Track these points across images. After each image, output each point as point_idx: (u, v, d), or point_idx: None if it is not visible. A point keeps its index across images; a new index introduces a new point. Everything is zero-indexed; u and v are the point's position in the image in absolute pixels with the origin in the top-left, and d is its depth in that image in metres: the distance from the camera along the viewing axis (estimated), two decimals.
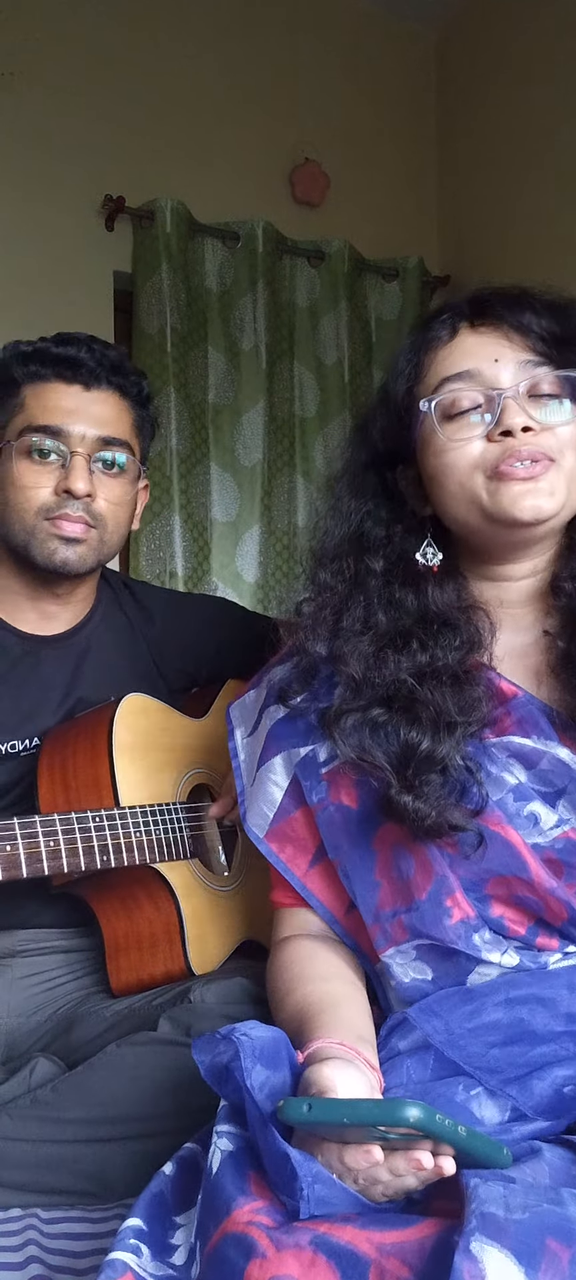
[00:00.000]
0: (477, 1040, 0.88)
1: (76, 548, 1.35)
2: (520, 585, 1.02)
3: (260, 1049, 0.78)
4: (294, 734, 1.06)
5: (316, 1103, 0.70)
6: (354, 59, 3.10)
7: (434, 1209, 0.71)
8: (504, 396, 0.94)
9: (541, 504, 0.94)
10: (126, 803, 1.29)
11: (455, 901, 0.92)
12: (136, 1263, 0.72)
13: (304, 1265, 0.64)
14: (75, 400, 1.35)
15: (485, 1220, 0.62)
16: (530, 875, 0.91)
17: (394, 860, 0.96)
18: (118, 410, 1.39)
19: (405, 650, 0.97)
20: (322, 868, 1.04)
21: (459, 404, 0.96)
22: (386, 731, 0.94)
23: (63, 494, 1.33)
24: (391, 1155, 0.70)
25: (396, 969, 0.97)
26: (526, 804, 0.93)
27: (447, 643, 0.97)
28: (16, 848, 1.17)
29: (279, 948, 1.06)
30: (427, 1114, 0.67)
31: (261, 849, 1.07)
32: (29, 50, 2.66)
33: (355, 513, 1.06)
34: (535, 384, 0.95)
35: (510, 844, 0.91)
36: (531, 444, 0.94)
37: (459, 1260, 0.60)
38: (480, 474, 0.96)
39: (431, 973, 0.95)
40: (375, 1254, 0.64)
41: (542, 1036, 0.87)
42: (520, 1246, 0.60)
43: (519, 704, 0.96)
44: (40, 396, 1.35)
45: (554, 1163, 0.76)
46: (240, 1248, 0.66)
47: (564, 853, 0.92)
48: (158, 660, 1.53)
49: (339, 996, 0.95)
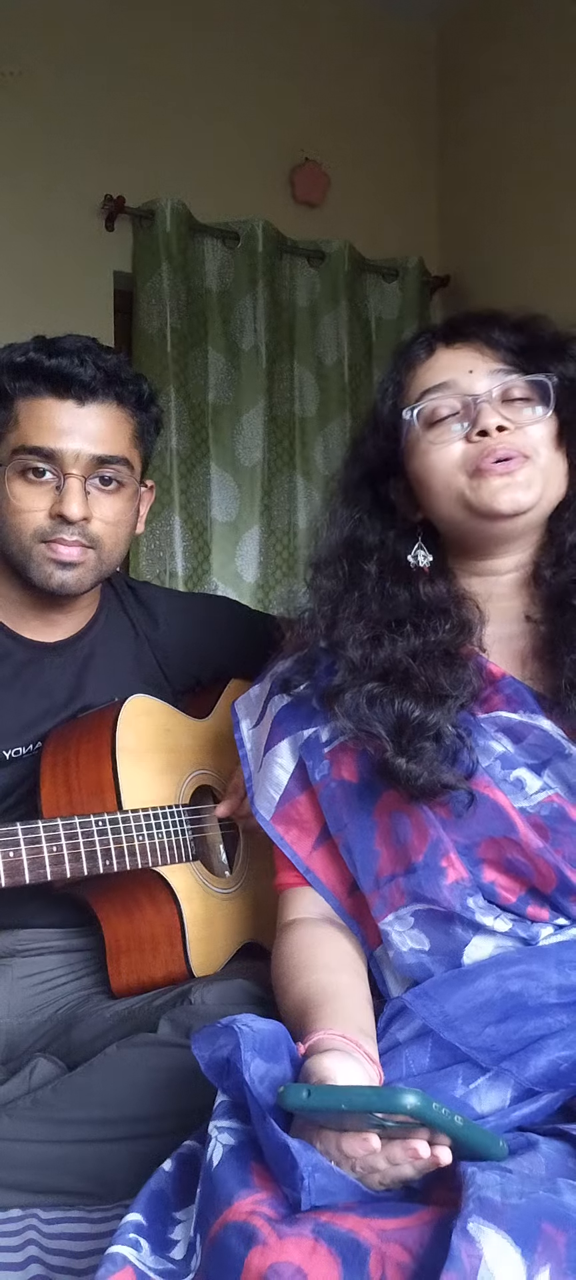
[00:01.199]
0: (473, 1021, 0.90)
1: (74, 571, 1.32)
2: (505, 579, 1.09)
3: (260, 1041, 0.79)
4: (297, 718, 1.12)
5: (315, 1090, 0.72)
6: (354, 59, 3.10)
7: (433, 1198, 0.73)
8: (479, 401, 1.03)
9: (518, 496, 1.02)
10: (129, 805, 1.29)
11: (450, 862, 0.97)
12: (136, 1257, 0.73)
13: (305, 1252, 0.65)
14: (69, 418, 1.29)
15: (482, 1204, 0.63)
16: (518, 835, 0.95)
17: (392, 828, 1.01)
18: (115, 423, 1.33)
19: (400, 633, 1.05)
20: (326, 850, 1.09)
21: (438, 412, 1.05)
22: (382, 703, 1.01)
23: (57, 517, 1.29)
24: (388, 1144, 0.71)
25: (395, 938, 1.00)
26: (512, 770, 0.99)
27: (439, 625, 1.04)
28: (20, 853, 1.16)
29: (284, 933, 1.08)
30: (424, 1102, 0.68)
31: (268, 831, 1.12)
32: (29, 50, 2.66)
33: (349, 521, 1.14)
34: (507, 389, 1.04)
35: (498, 805, 0.96)
36: (506, 442, 1.02)
37: (456, 1241, 0.61)
38: (462, 473, 1.03)
39: (428, 942, 0.98)
40: (376, 1240, 0.65)
41: (535, 1010, 0.89)
42: (516, 1229, 0.62)
43: (506, 683, 1.03)
44: (33, 413, 1.29)
45: (550, 1155, 0.78)
46: (241, 1236, 0.67)
47: (549, 819, 0.96)
48: (162, 662, 1.52)
49: (341, 988, 0.97)
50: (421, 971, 0.99)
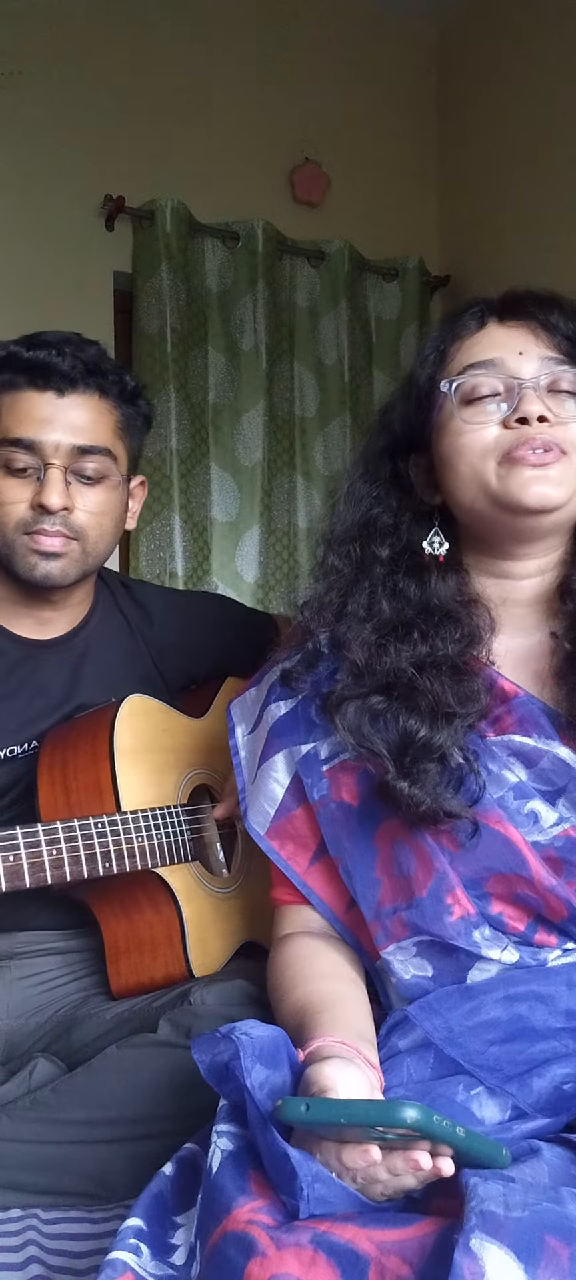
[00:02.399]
0: (477, 1038, 0.89)
1: (57, 561, 1.32)
2: (524, 585, 1.03)
3: (260, 1048, 0.78)
4: (295, 731, 1.07)
5: (314, 1103, 0.70)
6: (354, 59, 3.10)
7: (434, 1208, 0.71)
8: (524, 386, 0.97)
9: (548, 491, 0.95)
10: (127, 806, 1.29)
11: (455, 899, 0.93)
12: (136, 1262, 0.73)
13: (304, 1264, 0.64)
14: (49, 408, 1.29)
15: (485, 1218, 0.62)
16: (530, 873, 0.91)
17: (395, 857, 0.97)
18: (96, 413, 1.32)
19: (406, 640, 0.99)
20: (323, 865, 1.05)
21: (478, 389, 0.99)
22: (385, 719, 0.96)
23: (37, 508, 1.29)
24: (389, 1155, 0.70)
25: (397, 965, 0.97)
26: (526, 802, 0.94)
27: (448, 634, 0.98)
28: (20, 858, 1.16)
29: (279, 945, 1.06)
30: (425, 1115, 0.67)
31: (263, 846, 1.08)
32: (29, 50, 2.66)
33: (366, 498, 1.08)
34: (555, 380, 0.98)
35: (510, 841, 0.92)
36: (546, 433, 0.95)
37: (459, 1257, 0.60)
38: (492, 459, 0.97)
39: (431, 969, 0.96)
40: (375, 1252, 0.64)
41: (541, 1033, 0.88)
42: (519, 1243, 0.61)
43: (520, 703, 0.97)
44: (13, 406, 1.30)
45: (553, 1162, 0.76)
46: (240, 1246, 0.66)
47: (564, 850, 0.93)
48: (157, 660, 1.52)
49: (339, 995, 0.95)
50: (423, 993, 0.96)
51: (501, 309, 1.02)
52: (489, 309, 1.03)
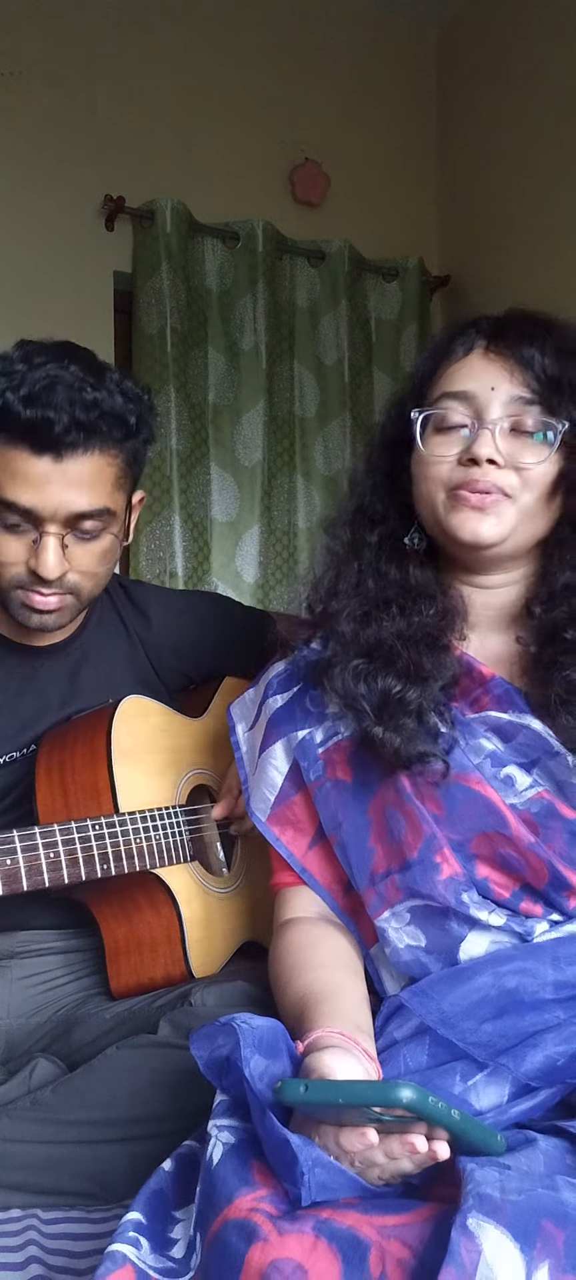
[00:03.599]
0: (470, 1018, 0.91)
1: (51, 616, 1.30)
2: (490, 593, 1.09)
3: (259, 1038, 0.80)
4: (291, 720, 1.13)
5: (313, 1084, 0.72)
6: (354, 59, 3.10)
7: (433, 1194, 0.73)
8: (482, 427, 1.02)
9: (482, 530, 1.01)
10: (126, 807, 1.29)
11: (444, 858, 0.97)
12: (136, 1255, 0.74)
13: (305, 1248, 0.65)
14: (45, 472, 1.20)
15: (482, 1200, 0.64)
16: (510, 830, 0.96)
17: (387, 824, 1.02)
18: (96, 472, 1.23)
19: (387, 613, 1.07)
20: (321, 849, 1.10)
21: (448, 419, 1.05)
22: (367, 680, 1.04)
23: (33, 574, 1.24)
24: (386, 1138, 0.72)
25: (391, 934, 1.00)
26: (502, 768, 1.00)
27: (423, 609, 1.06)
28: (16, 861, 1.16)
29: (280, 932, 1.09)
30: (420, 1096, 0.68)
31: (263, 831, 1.12)
32: (30, 50, 2.66)
33: (363, 485, 1.16)
34: (519, 420, 1.02)
35: (489, 800, 0.98)
36: (490, 477, 1.01)
37: (456, 1236, 0.61)
38: (443, 492, 1.04)
39: (424, 939, 0.99)
40: (376, 1236, 0.66)
41: (531, 1005, 0.90)
42: (516, 1225, 0.62)
43: (496, 684, 1.04)
44: (9, 464, 1.20)
45: (549, 1152, 0.78)
46: (242, 1233, 0.67)
47: (539, 815, 0.98)
48: (155, 661, 1.52)
49: (338, 986, 0.98)
50: (418, 968, 0.99)
51: (489, 335, 1.06)
52: (480, 333, 1.07)
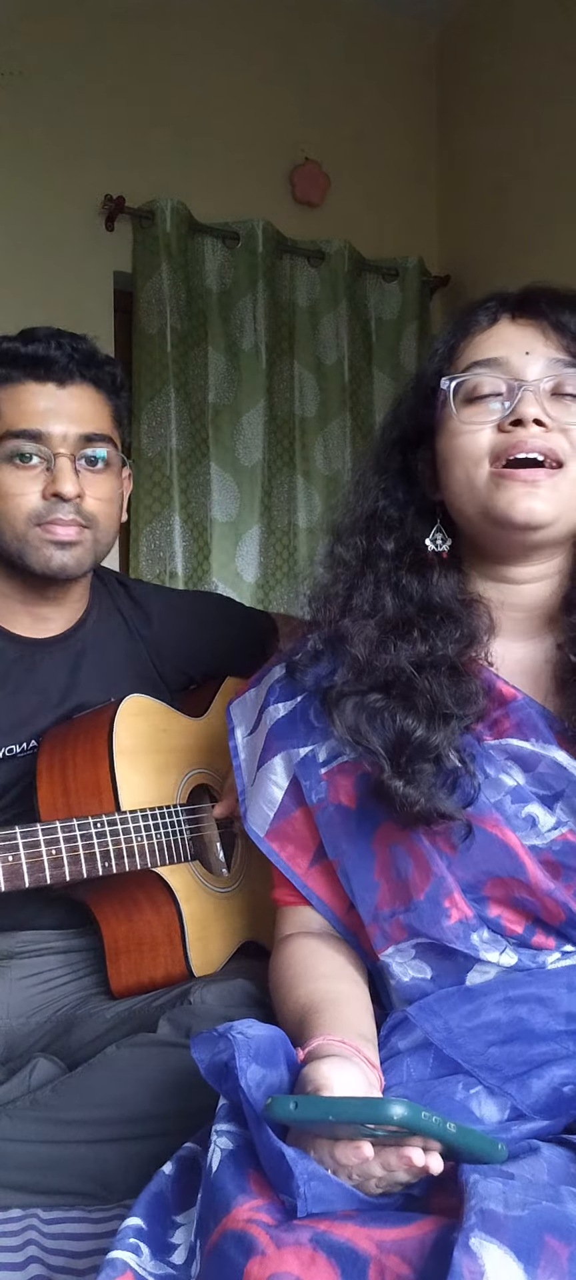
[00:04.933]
0: (477, 1039, 0.89)
1: (73, 550, 1.33)
2: (523, 590, 1.01)
3: (256, 1048, 0.78)
4: (293, 734, 1.06)
5: (302, 1101, 0.71)
6: (354, 58, 3.10)
7: (434, 1206, 0.72)
8: (524, 388, 0.94)
9: (535, 507, 0.93)
10: (127, 806, 1.29)
11: (453, 902, 0.93)
12: (136, 1261, 0.73)
13: (304, 1263, 0.64)
14: (51, 399, 1.31)
15: (484, 1217, 0.62)
16: (527, 877, 0.91)
17: (392, 861, 0.97)
18: (95, 404, 1.35)
19: (406, 638, 0.98)
20: (323, 867, 1.05)
21: (480, 388, 0.97)
22: (383, 718, 0.95)
23: (51, 498, 1.30)
24: (383, 1150, 0.70)
25: (396, 968, 0.97)
26: (524, 806, 0.94)
27: (447, 634, 0.97)
28: (19, 858, 1.16)
29: (281, 945, 1.06)
30: (412, 1112, 0.67)
31: (262, 848, 1.08)
32: (30, 50, 2.66)
33: (374, 489, 1.07)
34: (560, 382, 0.95)
35: (507, 846, 0.92)
36: (539, 440, 0.93)
37: (458, 1256, 0.60)
38: (486, 464, 0.95)
39: (430, 971, 0.96)
40: (375, 1251, 0.64)
41: (541, 1035, 0.88)
42: (519, 1243, 0.61)
43: (517, 706, 0.96)
44: (15, 400, 1.31)
45: (553, 1160, 0.76)
46: (240, 1245, 0.66)
47: (561, 854, 0.93)
48: (155, 660, 1.52)
49: (340, 995, 0.95)
50: (422, 995, 0.96)
51: (515, 305, 1.00)
52: (502, 305, 1.01)
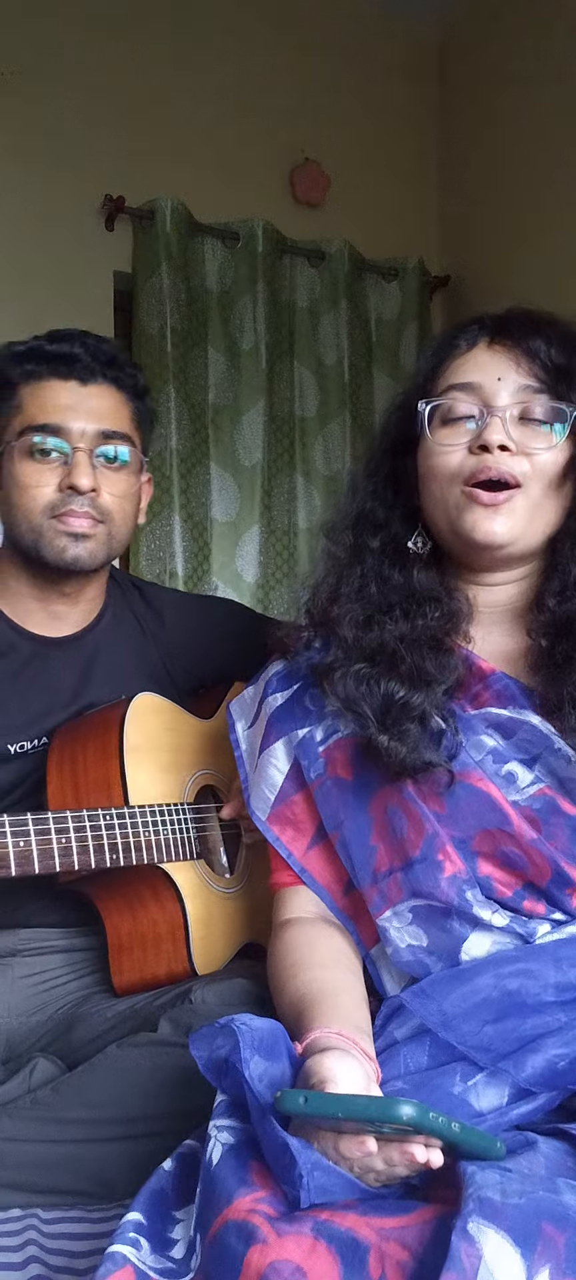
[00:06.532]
0: (471, 1020, 0.90)
1: (86, 543, 1.35)
2: (497, 590, 1.08)
3: (259, 1040, 0.80)
4: (291, 719, 1.12)
5: (313, 1096, 0.72)
6: (354, 59, 3.10)
7: (433, 1196, 0.73)
8: (492, 414, 1.02)
9: (495, 530, 1.01)
10: (136, 803, 1.29)
11: (446, 855, 0.97)
12: (136, 1256, 0.73)
13: (304, 1250, 0.65)
14: (73, 396, 1.35)
15: (482, 1204, 0.64)
16: (512, 827, 0.96)
17: (388, 822, 1.01)
18: (116, 403, 1.38)
19: (390, 617, 1.06)
20: (321, 849, 1.09)
21: (455, 410, 1.05)
22: (370, 684, 1.03)
23: (67, 490, 1.33)
24: (385, 1146, 0.72)
25: (393, 934, 1.00)
26: (504, 764, 0.99)
27: (428, 612, 1.05)
28: (29, 843, 1.17)
29: (279, 932, 1.08)
30: (421, 1112, 0.68)
31: (263, 830, 1.12)
32: (29, 50, 2.66)
33: (363, 491, 1.15)
34: (527, 408, 1.02)
35: (491, 797, 0.97)
36: (503, 464, 1.00)
37: (456, 1240, 0.61)
38: (457, 484, 1.03)
39: (426, 939, 0.98)
40: (375, 1238, 0.65)
41: (533, 1008, 0.89)
42: (516, 1229, 0.62)
43: (496, 679, 1.03)
44: (37, 395, 1.35)
45: (549, 1154, 0.78)
46: (241, 1234, 0.67)
47: (541, 811, 0.97)
48: (167, 662, 1.53)
49: (337, 985, 0.98)
50: (419, 968, 0.99)
51: (492, 330, 1.06)
52: (481, 329, 1.07)
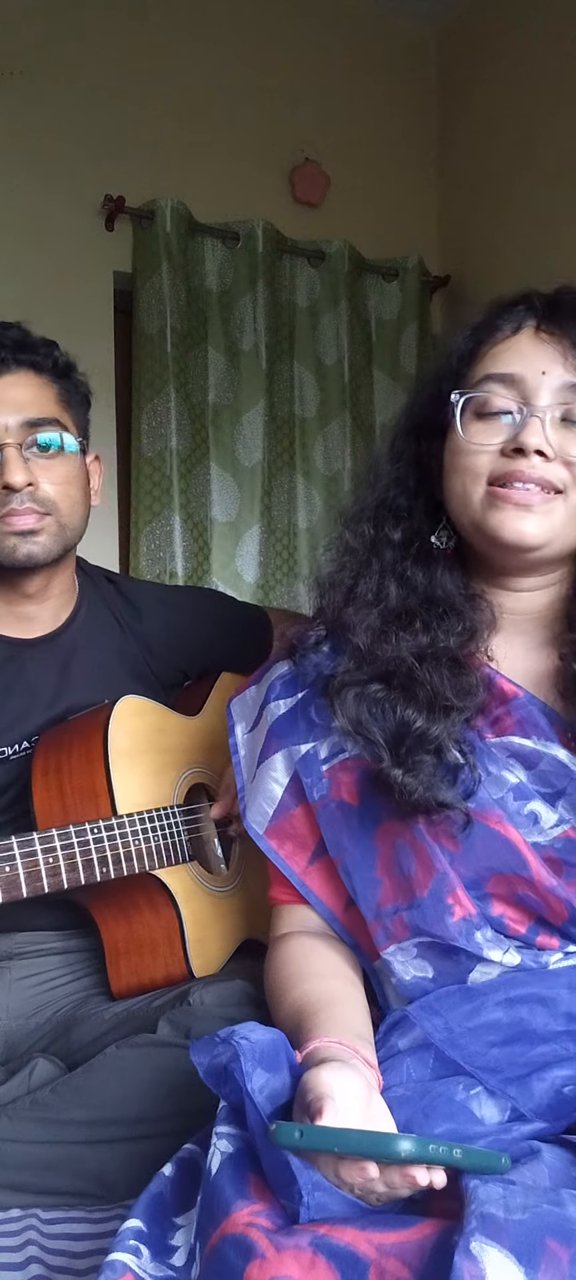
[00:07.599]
0: (478, 1039, 0.88)
1: (36, 539, 1.31)
2: (523, 597, 1.01)
3: (260, 1052, 0.78)
4: (294, 731, 1.06)
5: (308, 1130, 0.70)
6: (354, 59, 3.10)
7: (434, 1209, 0.71)
8: (531, 414, 0.93)
9: (526, 529, 0.93)
10: (123, 809, 1.28)
11: (456, 899, 0.93)
12: (136, 1263, 0.73)
13: (303, 1266, 0.64)
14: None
15: (485, 1221, 0.62)
16: (530, 873, 0.92)
17: (395, 857, 0.97)
18: (36, 388, 1.33)
19: (408, 628, 0.97)
20: (322, 865, 1.05)
21: (491, 405, 0.96)
22: (383, 708, 0.95)
23: (3, 490, 1.28)
24: (387, 1170, 0.70)
25: (397, 966, 0.97)
26: (527, 803, 0.94)
27: (449, 627, 0.97)
28: (16, 868, 1.15)
29: (277, 944, 1.06)
30: (419, 1147, 0.67)
31: (261, 846, 1.07)
32: (29, 50, 2.66)
33: (386, 476, 1.06)
34: (571, 410, 0.94)
35: (510, 841, 0.92)
36: (538, 470, 0.92)
37: (459, 1260, 0.60)
38: (483, 484, 0.95)
39: (432, 970, 0.96)
40: (375, 1254, 0.64)
41: (542, 1036, 0.88)
42: (520, 1246, 0.61)
43: (519, 704, 0.97)
44: None
45: (553, 1164, 0.76)
46: (239, 1249, 0.66)
47: (563, 851, 0.93)
48: (147, 656, 1.50)
49: (337, 994, 0.95)
50: (423, 994, 0.96)
51: (541, 314, 0.97)
52: (529, 311, 0.98)
